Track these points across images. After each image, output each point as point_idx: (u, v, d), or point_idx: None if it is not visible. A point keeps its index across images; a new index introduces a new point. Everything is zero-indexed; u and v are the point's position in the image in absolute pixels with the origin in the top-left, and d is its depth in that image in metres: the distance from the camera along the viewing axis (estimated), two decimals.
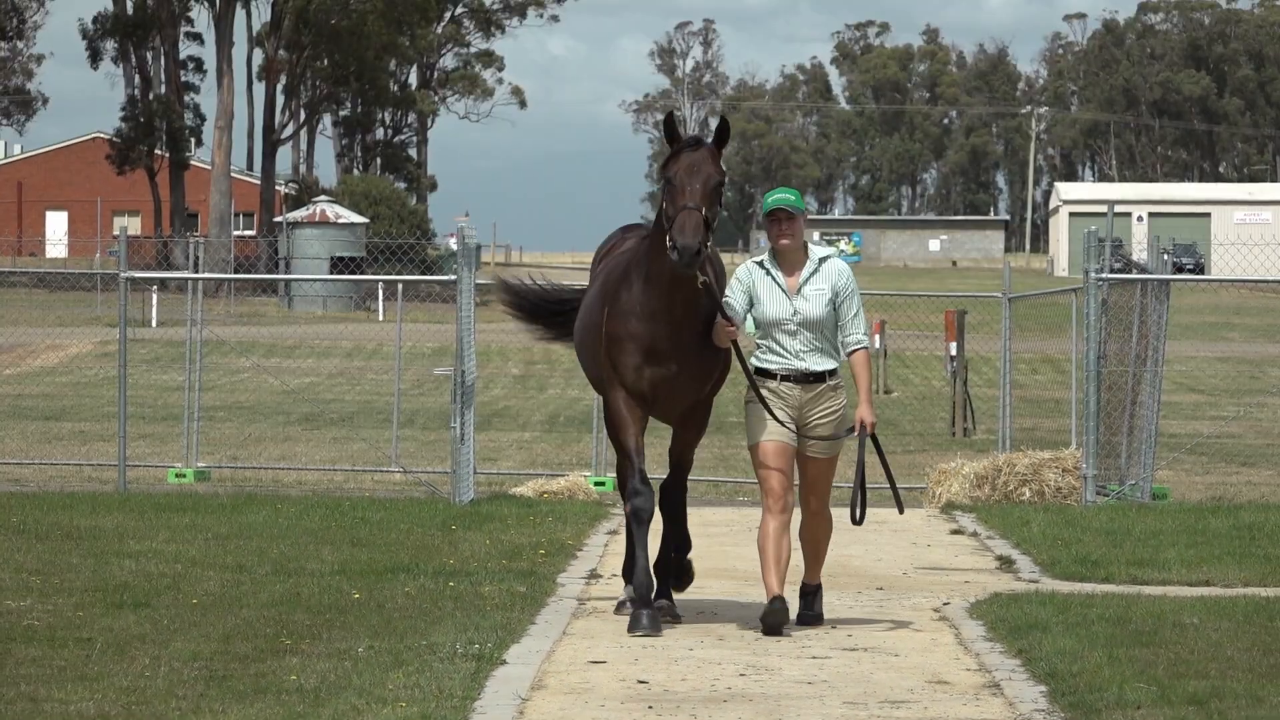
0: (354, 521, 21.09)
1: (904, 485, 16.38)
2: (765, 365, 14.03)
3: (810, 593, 14.38)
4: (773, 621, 13.73)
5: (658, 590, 14.57)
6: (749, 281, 14.05)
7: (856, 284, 14.20)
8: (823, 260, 14.11)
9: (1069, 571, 17.75)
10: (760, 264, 14.15)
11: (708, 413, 14.90)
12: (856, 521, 14.17)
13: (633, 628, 13.99)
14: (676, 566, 15.05)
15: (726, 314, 13.92)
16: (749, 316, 14.12)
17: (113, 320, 28.77)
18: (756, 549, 14.08)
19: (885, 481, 14.66)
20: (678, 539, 15.15)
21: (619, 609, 14.89)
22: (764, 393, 13.91)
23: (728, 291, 14.07)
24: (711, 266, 14.12)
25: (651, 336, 14.16)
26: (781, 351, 13.99)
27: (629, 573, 14.84)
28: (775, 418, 13.80)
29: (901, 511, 14.90)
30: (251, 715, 10.82)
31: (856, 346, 14.02)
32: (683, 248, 13.50)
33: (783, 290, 13.99)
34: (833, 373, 14.01)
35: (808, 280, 14.00)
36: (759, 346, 14.11)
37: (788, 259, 14.07)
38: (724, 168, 14.11)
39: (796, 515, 14.28)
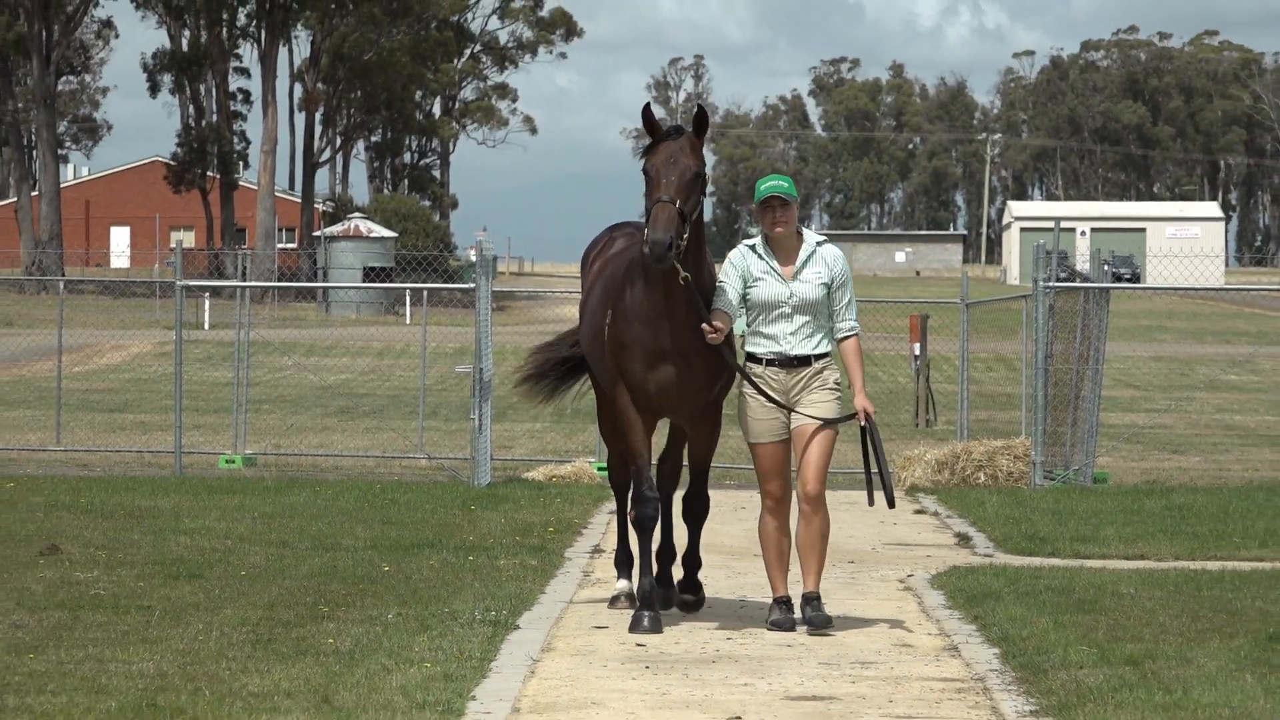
0: (384, 502, 21.11)
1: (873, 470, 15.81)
2: (754, 350, 12.72)
3: (813, 598, 12.78)
4: (781, 621, 12.66)
5: (658, 573, 13.38)
6: (743, 265, 12.70)
7: (850, 271, 12.98)
8: (819, 244, 12.85)
9: (1019, 547, 17.77)
10: (752, 248, 12.80)
11: (719, 413, 13.31)
12: (872, 503, 13.02)
13: (634, 628, 12.77)
14: (689, 583, 13.64)
15: (709, 317, 12.51)
16: (742, 306, 12.82)
17: (170, 323, 28.76)
18: (759, 541, 12.94)
19: (877, 468, 13.06)
20: (691, 549, 13.70)
21: (612, 604, 13.78)
22: (754, 377, 12.67)
23: (721, 276, 12.72)
24: (708, 273, 12.88)
25: (656, 339, 12.69)
26: (773, 335, 12.67)
27: (621, 565, 14.03)
28: (772, 399, 12.55)
29: (893, 505, 13.05)
30: (293, 674, 10.83)
31: (849, 334, 12.78)
32: (653, 243, 12.14)
33: (778, 274, 12.67)
34: (819, 356, 12.67)
35: (805, 264, 12.72)
36: (749, 332, 12.78)
37: (782, 245, 12.75)
38: (703, 158, 12.72)
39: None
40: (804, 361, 12.61)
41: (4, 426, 34.34)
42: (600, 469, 25.10)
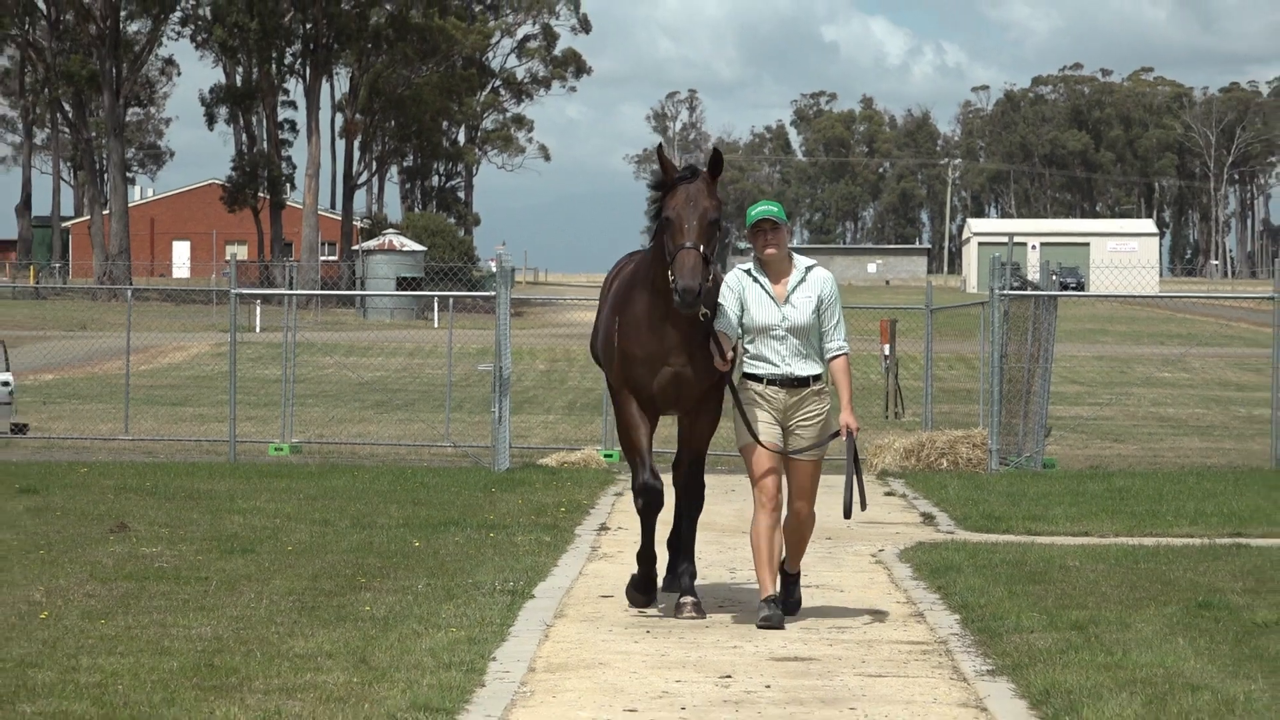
0: (415, 485, 21.11)
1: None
2: (753, 370, 11.80)
3: (790, 580, 12.23)
4: (771, 618, 11.64)
5: (680, 586, 12.34)
6: (739, 288, 11.77)
7: (839, 293, 11.98)
8: (809, 269, 11.87)
9: (977, 525, 17.77)
10: (748, 272, 11.85)
11: (718, 404, 12.42)
12: (848, 515, 11.94)
13: (632, 604, 12.46)
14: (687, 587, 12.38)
15: (723, 345, 11.77)
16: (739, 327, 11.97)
17: (225, 327, 28.78)
18: (750, 541, 11.88)
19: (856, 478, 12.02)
20: (685, 548, 12.55)
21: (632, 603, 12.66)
22: (751, 395, 11.79)
23: (721, 298, 11.82)
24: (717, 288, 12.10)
25: (657, 344, 12.00)
26: (769, 357, 11.74)
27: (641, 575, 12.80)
28: (756, 438, 11.69)
29: (865, 508, 12.17)
30: (334, 638, 10.83)
31: (838, 353, 11.82)
32: (684, 290, 11.39)
33: (771, 298, 11.74)
34: (817, 378, 11.81)
35: (796, 288, 11.76)
36: (747, 353, 11.89)
37: (774, 268, 11.79)
38: (720, 199, 11.94)
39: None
40: (804, 383, 11.77)
41: (79, 418, 34.38)
42: (606, 456, 25.11)
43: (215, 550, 14.86)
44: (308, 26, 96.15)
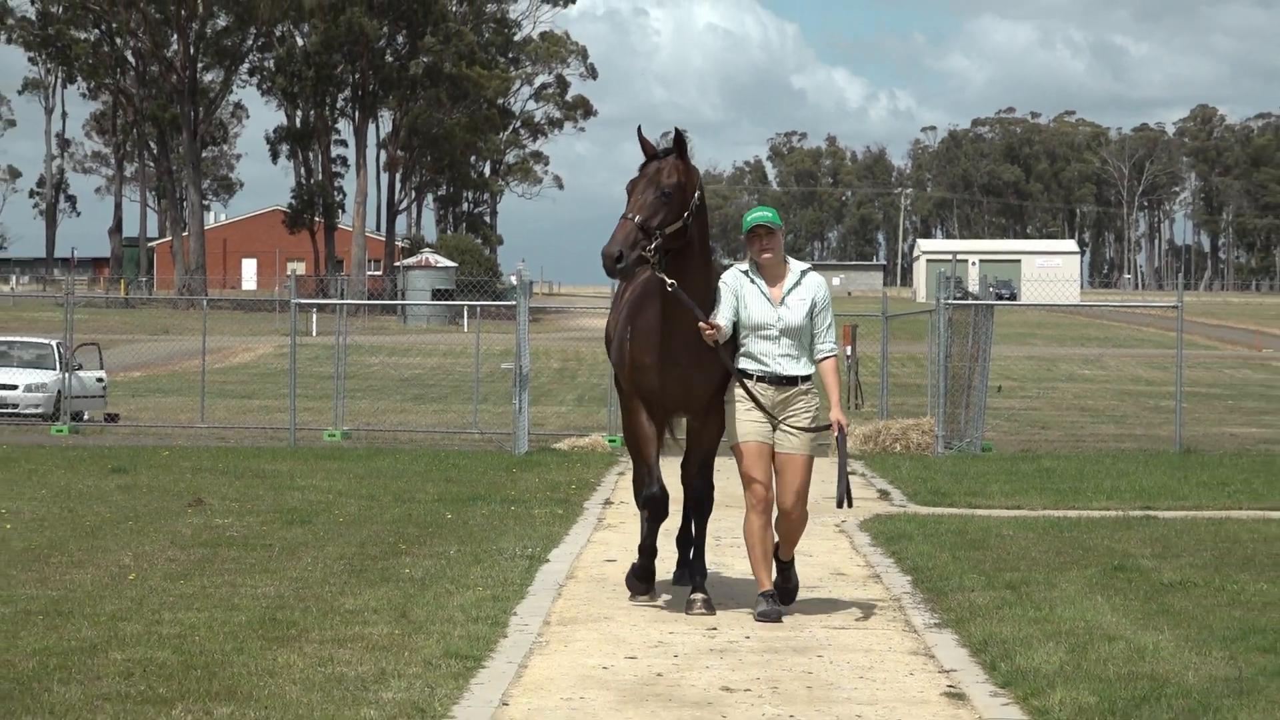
0: (447, 466, 21.12)
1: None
2: (743, 367, 10.53)
3: (784, 567, 10.93)
4: (768, 613, 10.39)
5: (692, 584, 10.99)
6: (736, 286, 10.52)
7: (830, 297, 10.81)
8: (804, 273, 10.67)
9: (926, 500, 17.76)
10: (745, 273, 10.57)
11: (723, 406, 11.00)
12: (840, 505, 10.68)
13: (632, 592, 11.29)
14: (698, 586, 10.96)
15: (703, 317, 10.39)
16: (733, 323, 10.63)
17: (286, 331, 28.75)
18: (744, 539, 10.67)
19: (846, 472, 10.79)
20: (697, 550, 11.24)
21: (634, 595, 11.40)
22: (740, 392, 10.57)
23: (718, 295, 10.60)
24: (706, 283, 10.70)
25: (665, 350, 10.63)
26: (760, 355, 10.49)
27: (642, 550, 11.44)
28: (759, 404, 10.45)
29: (851, 505, 10.94)
30: (379, 596, 10.83)
31: (828, 355, 10.58)
32: (603, 255, 10.17)
33: (767, 298, 10.51)
34: (805, 378, 10.56)
35: (791, 290, 10.56)
36: (740, 349, 10.60)
37: (769, 271, 10.57)
38: (683, 175, 10.47)
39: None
40: (791, 382, 10.48)
41: (161, 409, 34.39)
42: (611, 441, 25.08)
43: (278, 521, 14.87)
44: (356, 76, 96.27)
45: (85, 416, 31.29)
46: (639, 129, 10.60)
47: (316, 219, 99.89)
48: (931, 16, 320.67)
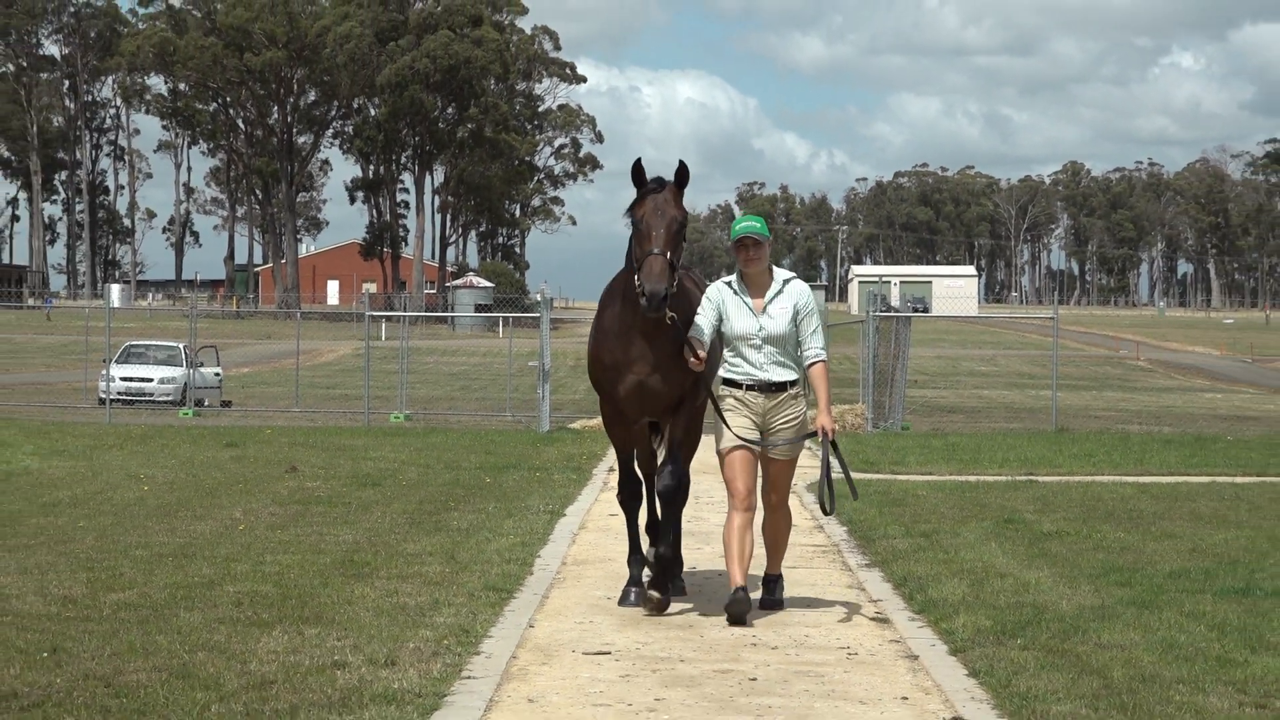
0: (486, 441, 21.09)
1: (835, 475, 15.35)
2: (732, 376, 8.51)
3: (772, 581, 8.82)
4: (736, 611, 8.19)
5: (655, 581, 8.66)
6: (718, 300, 8.49)
7: (816, 303, 8.73)
8: (786, 282, 8.63)
9: (858, 467, 17.67)
10: (728, 284, 8.56)
11: (697, 416, 8.83)
12: (827, 512, 8.86)
13: (622, 601, 8.76)
14: (660, 583, 8.69)
15: (694, 348, 8.39)
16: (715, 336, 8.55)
17: (361, 337, 28.81)
18: (723, 540, 8.62)
19: (840, 474, 9.00)
20: (670, 543, 8.89)
21: (622, 600, 8.85)
22: (731, 401, 8.48)
23: (699, 309, 8.53)
24: (695, 286, 8.86)
25: (623, 353, 8.59)
26: (747, 364, 8.48)
27: (632, 559, 9.13)
28: (734, 434, 8.44)
29: (857, 498, 9.40)
30: (434, 543, 10.80)
31: (816, 359, 8.56)
32: (650, 294, 8.04)
33: (749, 309, 8.46)
34: (793, 383, 8.55)
35: (773, 299, 8.52)
36: (727, 360, 8.57)
37: (755, 281, 8.54)
38: (685, 208, 8.41)
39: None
40: (779, 388, 8.50)
41: (265, 397, 34.34)
42: None
43: (354, 484, 14.84)
44: (416, 139, 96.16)
45: (205, 403, 31.26)
46: (637, 163, 8.50)
47: (385, 250, 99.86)
48: (861, 93, 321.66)
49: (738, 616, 8.19)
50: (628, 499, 9.06)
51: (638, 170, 8.48)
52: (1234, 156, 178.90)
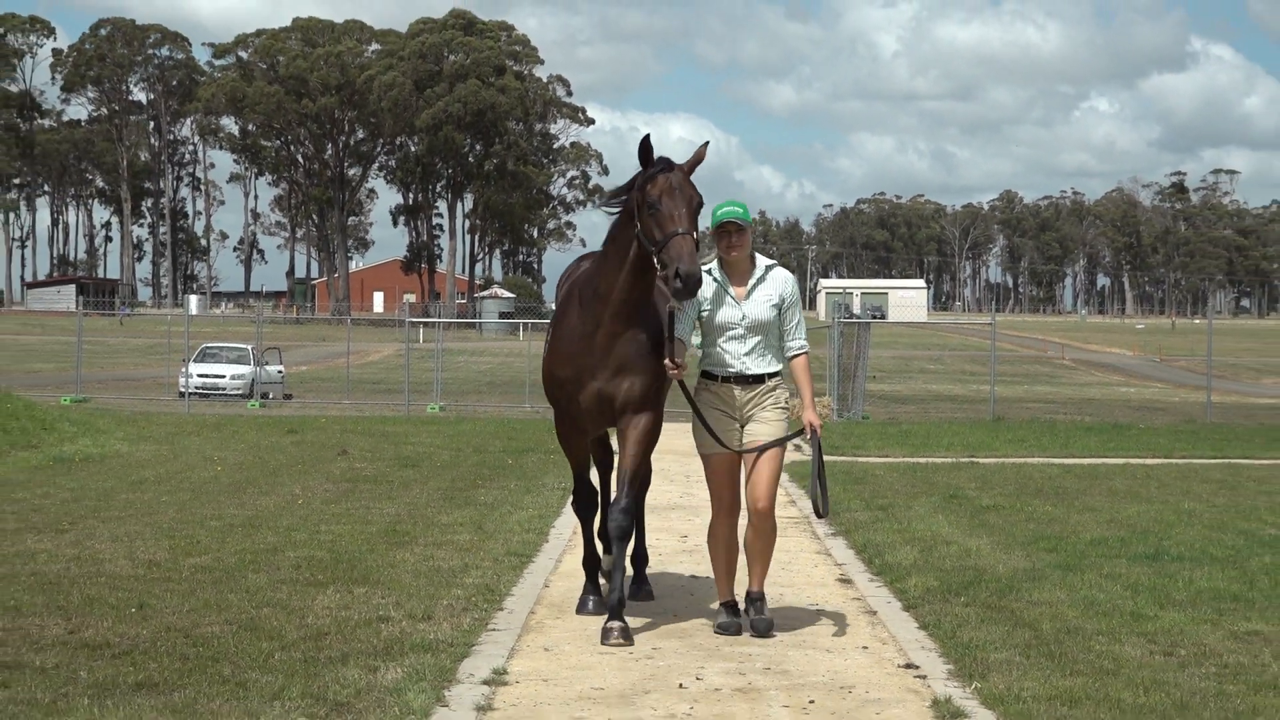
0: (509, 429, 21.05)
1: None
2: (709, 369, 6.80)
3: (757, 599, 6.86)
4: (728, 625, 6.77)
5: (610, 606, 6.65)
6: (699, 290, 6.45)
7: (799, 294, 6.94)
8: (769, 269, 6.86)
9: (825, 451, 17.65)
10: (708, 272, 6.74)
11: (655, 424, 6.80)
12: (820, 515, 6.81)
13: (604, 639, 6.49)
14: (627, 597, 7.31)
15: (675, 351, 6.54)
16: (695, 325, 6.81)
17: (402, 340, 28.80)
18: (708, 548, 7.02)
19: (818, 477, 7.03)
20: (637, 550, 7.74)
21: (579, 609, 7.19)
22: (706, 396, 6.80)
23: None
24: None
25: (584, 360, 6.71)
26: (726, 355, 6.74)
27: (587, 566, 7.50)
28: (715, 439, 6.73)
29: (826, 514, 6.99)
30: (464, 515, 10.78)
31: (798, 352, 6.87)
32: (686, 275, 6.15)
33: (731, 297, 6.74)
34: (774, 375, 6.80)
35: (756, 287, 6.78)
36: (704, 352, 6.86)
37: (736, 268, 6.80)
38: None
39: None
40: (759, 380, 6.76)
41: (321, 391, 34.27)
42: None
43: (396, 465, 14.82)
44: (449, 171, 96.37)
45: (269, 396, 31.26)
46: (645, 139, 6.52)
47: (422, 265, 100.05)
48: (827, 132, 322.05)
49: (728, 628, 6.78)
50: (583, 509, 7.39)
51: (645, 148, 6.49)
52: (1145, 186, 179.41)
